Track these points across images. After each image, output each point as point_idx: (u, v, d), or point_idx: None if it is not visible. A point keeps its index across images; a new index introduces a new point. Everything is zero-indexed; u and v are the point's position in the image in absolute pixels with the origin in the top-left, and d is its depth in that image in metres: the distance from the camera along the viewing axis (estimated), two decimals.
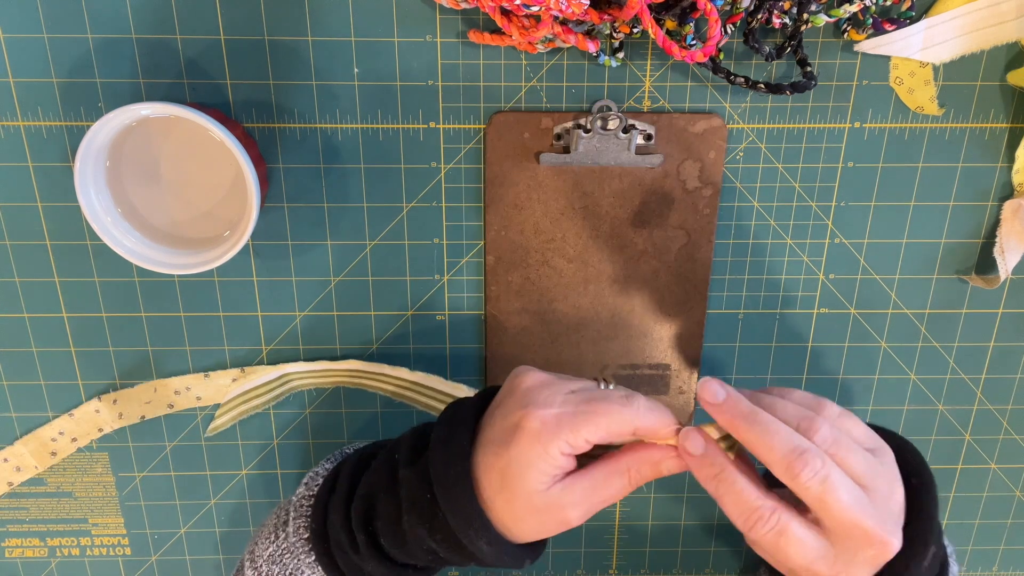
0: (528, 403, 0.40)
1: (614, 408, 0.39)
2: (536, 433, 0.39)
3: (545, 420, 0.39)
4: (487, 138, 0.50)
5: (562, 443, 0.39)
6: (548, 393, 0.41)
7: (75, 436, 0.56)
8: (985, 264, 0.55)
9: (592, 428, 0.39)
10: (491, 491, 0.40)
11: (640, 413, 0.39)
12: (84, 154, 0.44)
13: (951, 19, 0.48)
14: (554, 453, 0.39)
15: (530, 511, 0.40)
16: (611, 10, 0.44)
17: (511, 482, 0.39)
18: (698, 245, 0.53)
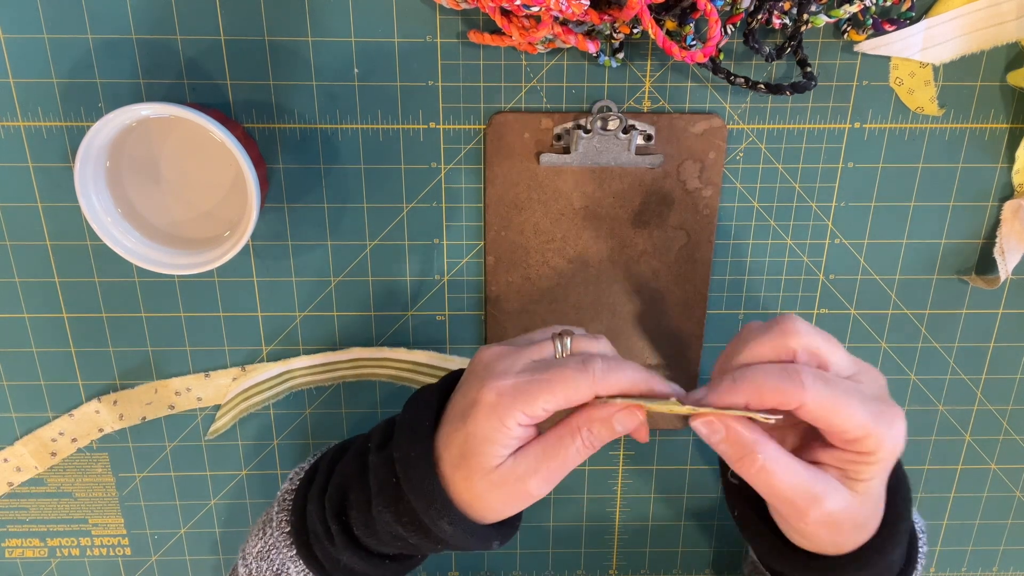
0: (486, 376, 0.39)
1: (570, 374, 0.38)
2: (492, 406, 0.38)
3: (501, 391, 0.38)
4: (487, 138, 0.50)
5: (518, 414, 0.38)
6: (505, 364, 0.40)
7: (75, 436, 0.56)
8: (985, 264, 0.55)
9: (548, 396, 0.38)
10: (451, 468, 0.39)
11: (597, 377, 0.38)
12: (84, 154, 0.44)
13: (951, 19, 0.48)
14: (511, 425, 0.38)
15: (489, 487, 0.39)
16: (611, 10, 0.44)
17: (469, 457, 0.38)
18: (698, 245, 0.53)
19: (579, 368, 0.38)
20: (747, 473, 0.38)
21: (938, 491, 0.61)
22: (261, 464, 0.59)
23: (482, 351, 0.42)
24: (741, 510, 0.45)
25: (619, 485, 0.61)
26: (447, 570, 0.63)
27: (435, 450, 0.40)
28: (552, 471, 0.39)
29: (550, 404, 0.38)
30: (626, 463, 0.60)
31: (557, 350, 0.41)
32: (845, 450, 0.38)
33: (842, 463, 0.38)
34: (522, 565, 0.63)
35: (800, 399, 0.36)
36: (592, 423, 0.39)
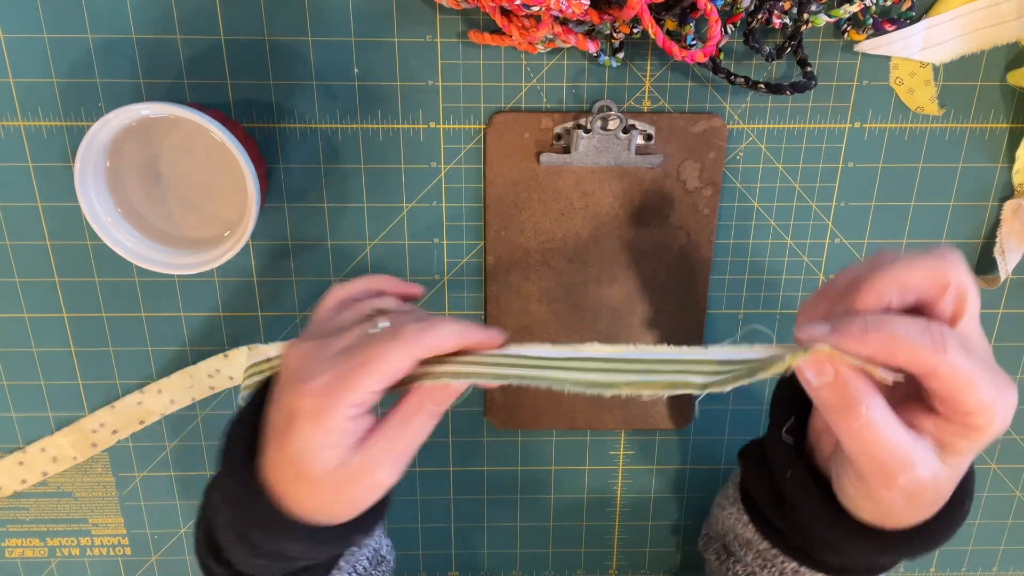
0: (295, 381, 0.36)
1: (384, 349, 0.35)
2: (314, 412, 0.35)
3: (317, 393, 0.35)
4: (487, 138, 0.50)
5: (344, 409, 0.35)
6: (312, 363, 0.36)
7: (116, 428, 0.56)
8: (985, 264, 0.55)
9: (368, 380, 0.35)
10: (288, 486, 0.37)
11: (413, 342, 0.36)
12: (84, 154, 0.44)
13: (951, 19, 0.48)
14: (340, 425, 0.35)
15: (337, 490, 0.36)
16: (611, 10, 0.44)
17: (306, 471, 0.36)
18: (698, 245, 0.53)
19: (391, 339, 0.36)
20: (845, 427, 0.33)
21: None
22: None
23: (288, 353, 0.38)
24: (796, 470, 0.40)
25: (619, 485, 0.61)
26: (447, 570, 0.63)
27: (262, 475, 0.37)
28: (401, 455, 0.37)
29: (374, 386, 0.35)
30: (626, 463, 0.60)
31: (368, 331, 0.37)
32: (951, 421, 0.34)
33: (944, 433, 0.34)
34: (522, 565, 0.63)
35: (935, 365, 0.32)
36: (434, 393, 0.37)
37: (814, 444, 0.41)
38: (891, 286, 0.34)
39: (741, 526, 0.47)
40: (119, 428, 0.57)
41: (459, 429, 0.58)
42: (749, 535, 0.47)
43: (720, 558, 0.51)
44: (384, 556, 0.50)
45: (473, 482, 0.60)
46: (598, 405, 0.57)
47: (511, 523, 0.62)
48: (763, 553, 0.45)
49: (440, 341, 0.37)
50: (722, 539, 0.51)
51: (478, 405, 0.58)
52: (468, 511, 0.61)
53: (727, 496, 0.50)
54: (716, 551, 0.52)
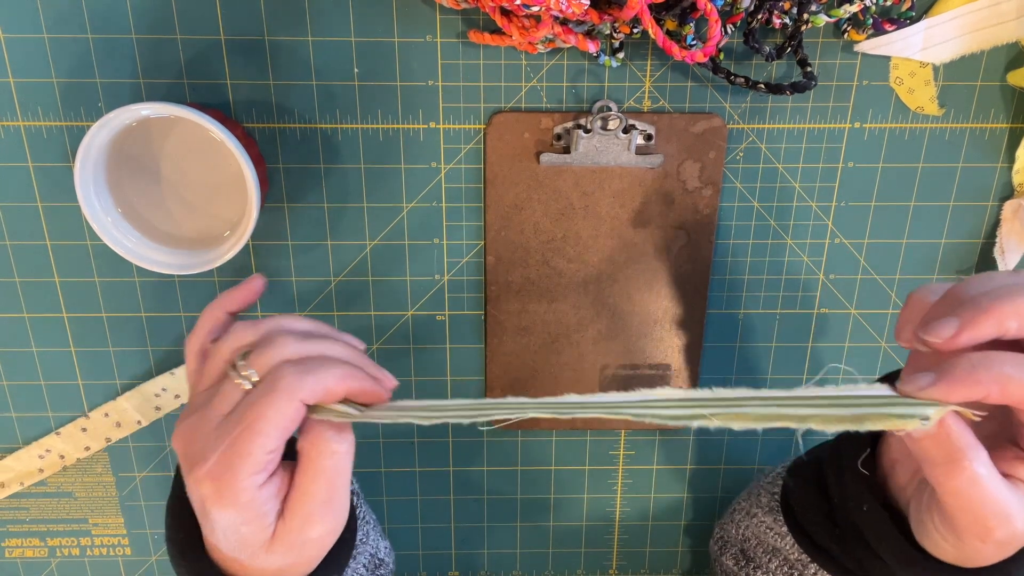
0: (191, 467, 0.34)
1: (262, 407, 0.33)
2: (217, 494, 0.33)
3: (212, 476, 0.33)
4: (487, 138, 0.50)
5: (247, 480, 0.33)
6: (199, 442, 0.34)
7: (178, 393, 0.56)
8: (985, 264, 0.55)
9: (260, 440, 0.33)
10: (237, 562, 0.36)
11: (295, 392, 0.33)
12: (84, 154, 0.44)
13: (951, 19, 0.48)
14: (249, 497, 0.33)
15: (281, 554, 0.35)
16: (611, 10, 0.44)
17: (242, 545, 0.35)
18: (698, 245, 0.53)
19: (269, 392, 0.33)
20: (946, 481, 0.32)
21: None
22: None
23: (175, 436, 0.36)
24: (873, 507, 0.38)
25: (619, 485, 0.61)
26: (447, 570, 0.63)
27: (210, 553, 0.37)
28: (327, 500, 0.35)
29: (269, 445, 0.33)
30: (626, 463, 0.60)
31: (241, 383, 0.35)
32: None
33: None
34: (522, 565, 0.63)
35: None
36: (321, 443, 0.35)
37: (887, 474, 0.39)
38: (1014, 316, 0.31)
39: (773, 535, 0.47)
40: (181, 393, 0.56)
41: (459, 429, 0.58)
42: (780, 544, 0.46)
43: (739, 563, 0.51)
44: (382, 559, 0.50)
45: (473, 482, 0.60)
46: None
47: (511, 523, 0.62)
48: (792, 563, 0.45)
49: (323, 385, 0.34)
50: (741, 544, 0.51)
51: None
52: (468, 511, 0.61)
53: (759, 504, 0.49)
54: (734, 556, 0.52)
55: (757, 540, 0.49)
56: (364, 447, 0.58)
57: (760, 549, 0.49)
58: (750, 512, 0.50)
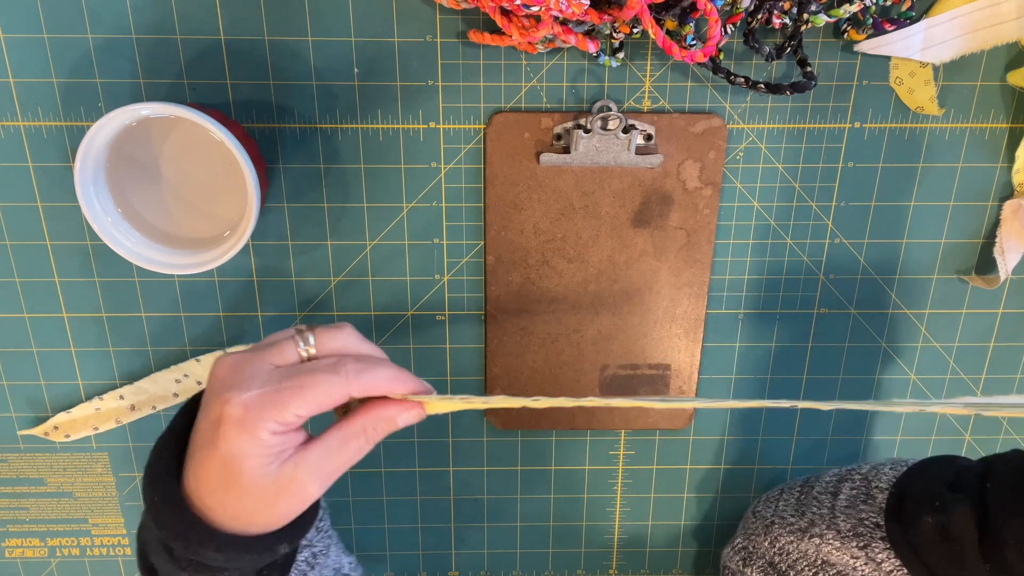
0: (226, 390, 0.36)
1: (321, 378, 0.36)
2: (240, 421, 0.35)
3: (247, 404, 0.35)
4: (487, 138, 0.50)
5: (270, 423, 0.35)
6: (246, 374, 0.37)
7: (200, 380, 0.56)
8: (985, 264, 0.55)
9: (300, 402, 0.36)
10: (214, 496, 0.37)
11: (351, 379, 0.37)
12: (84, 154, 0.44)
13: (951, 19, 0.48)
14: (264, 437, 0.35)
15: (265, 499, 0.37)
16: (611, 10, 0.44)
17: (232, 479, 0.36)
18: (698, 245, 0.53)
19: (330, 371, 0.37)
20: None
21: None
22: None
23: (217, 364, 0.38)
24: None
25: (619, 485, 0.61)
26: (447, 570, 0.63)
27: (186, 485, 0.37)
28: (333, 472, 0.38)
29: (303, 410, 0.36)
30: (626, 463, 0.60)
31: (300, 349, 0.38)
32: None
33: None
34: (522, 565, 0.63)
35: None
36: (378, 423, 0.39)
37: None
38: None
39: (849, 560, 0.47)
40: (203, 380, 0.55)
41: (459, 429, 0.58)
42: (836, 559, 0.47)
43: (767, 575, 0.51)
44: (347, 574, 0.50)
45: (473, 482, 0.60)
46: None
47: (511, 523, 0.62)
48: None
49: (375, 383, 0.37)
50: (772, 558, 0.51)
51: None
52: (468, 511, 0.61)
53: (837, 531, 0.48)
54: (762, 569, 0.52)
55: (807, 561, 0.49)
56: None
57: (803, 563, 0.49)
58: (818, 533, 0.50)
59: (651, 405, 0.37)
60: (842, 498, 0.50)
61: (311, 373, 0.36)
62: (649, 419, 0.58)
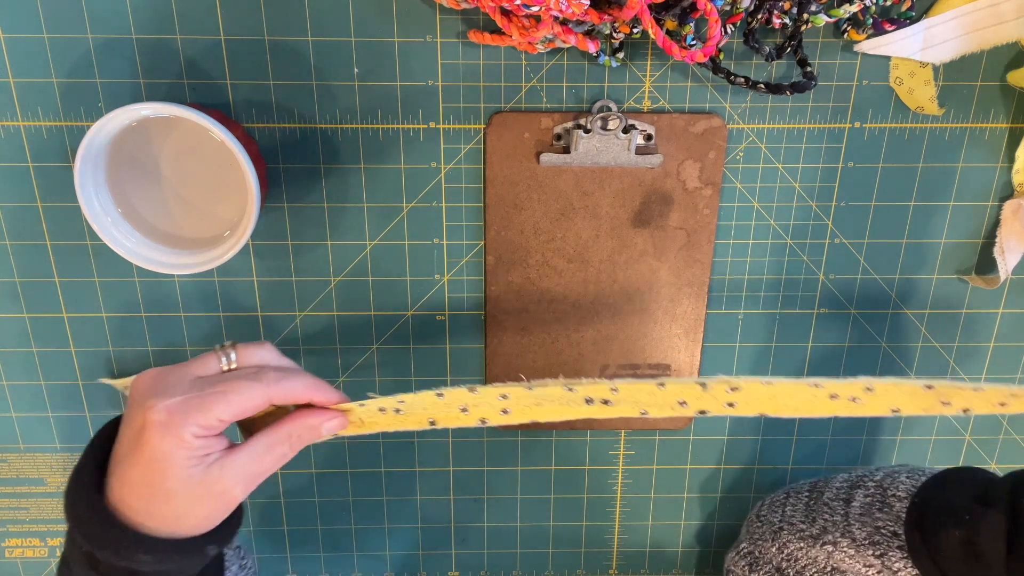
0: (148, 398, 0.38)
1: (243, 384, 0.38)
2: (164, 424, 0.37)
3: (171, 409, 0.37)
4: (487, 138, 0.50)
5: (193, 427, 0.37)
6: (169, 383, 0.39)
7: None
8: (985, 264, 0.55)
9: (223, 407, 0.38)
10: (140, 500, 0.38)
11: (271, 386, 0.39)
12: (84, 154, 0.44)
13: (951, 19, 0.48)
14: (188, 439, 0.37)
15: (191, 501, 0.38)
16: (611, 10, 0.44)
17: (158, 481, 0.37)
18: (698, 245, 0.53)
19: (252, 378, 0.39)
20: None
21: None
22: None
23: (138, 378, 0.40)
24: None
25: (619, 485, 0.61)
26: (447, 570, 0.63)
27: (111, 496, 0.38)
28: (258, 476, 0.40)
29: (225, 414, 0.38)
30: (626, 463, 0.60)
31: (222, 363, 0.40)
32: None
33: None
34: (522, 565, 0.63)
35: None
36: (303, 431, 0.41)
37: None
38: None
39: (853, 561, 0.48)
40: None
41: (459, 429, 0.59)
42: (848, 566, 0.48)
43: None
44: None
45: (473, 482, 0.60)
46: None
47: (511, 523, 0.62)
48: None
49: (295, 390, 0.40)
50: (778, 563, 0.51)
51: None
52: (468, 511, 0.61)
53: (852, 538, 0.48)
54: (769, 573, 0.52)
55: (816, 567, 0.49)
56: (364, 447, 0.58)
57: (812, 569, 0.49)
58: (819, 538, 0.50)
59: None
60: (856, 505, 0.50)
61: (234, 380, 0.39)
62: (649, 419, 0.58)
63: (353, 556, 0.62)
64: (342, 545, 0.62)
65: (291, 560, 0.62)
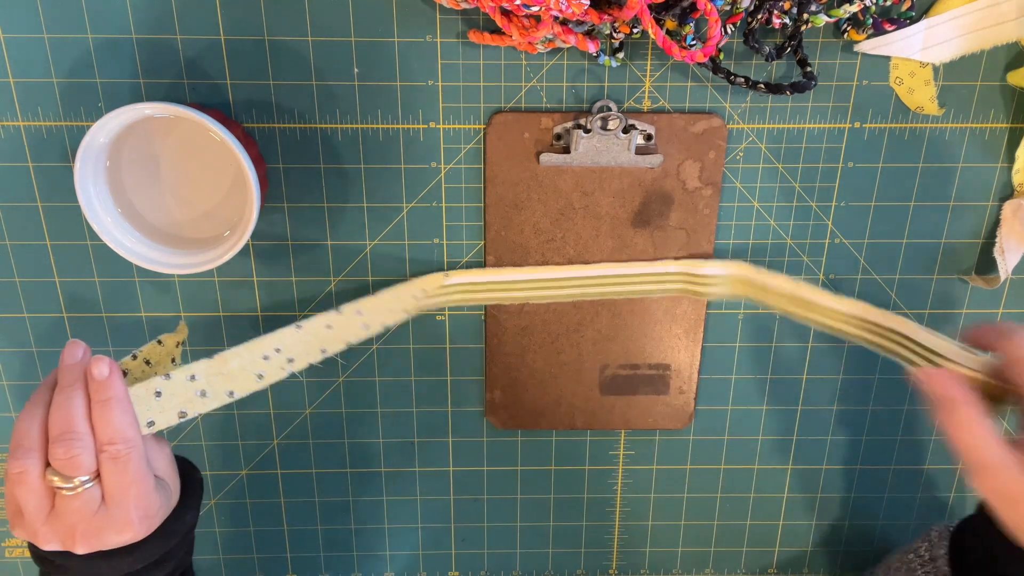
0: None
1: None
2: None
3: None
4: (487, 138, 0.50)
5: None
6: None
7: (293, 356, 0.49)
8: (985, 264, 0.55)
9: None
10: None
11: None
12: (84, 154, 0.44)
13: (951, 19, 0.48)
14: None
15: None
16: (611, 10, 0.44)
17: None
18: (698, 245, 0.53)
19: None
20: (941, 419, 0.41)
21: (938, 491, 0.61)
22: (261, 464, 0.59)
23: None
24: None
25: (619, 485, 0.61)
26: (447, 570, 0.63)
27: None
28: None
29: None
30: (626, 463, 0.60)
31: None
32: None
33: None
34: (522, 565, 0.63)
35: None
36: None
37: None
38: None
39: None
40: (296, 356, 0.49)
41: (459, 429, 0.59)
42: None
43: None
44: None
45: (473, 482, 0.60)
46: (598, 405, 0.57)
47: (511, 523, 0.62)
48: None
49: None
50: None
51: (478, 405, 0.58)
52: (468, 511, 0.61)
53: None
54: None
55: None
56: (364, 447, 0.58)
57: None
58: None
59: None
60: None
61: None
62: (649, 419, 0.58)
63: (353, 556, 0.62)
64: (342, 545, 0.62)
65: (291, 560, 0.62)
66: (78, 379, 0.41)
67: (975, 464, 0.39)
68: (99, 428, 0.40)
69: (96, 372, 0.40)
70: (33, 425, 0.40)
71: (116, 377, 0.41)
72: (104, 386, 0.40)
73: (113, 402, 0.40)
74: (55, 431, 0.39)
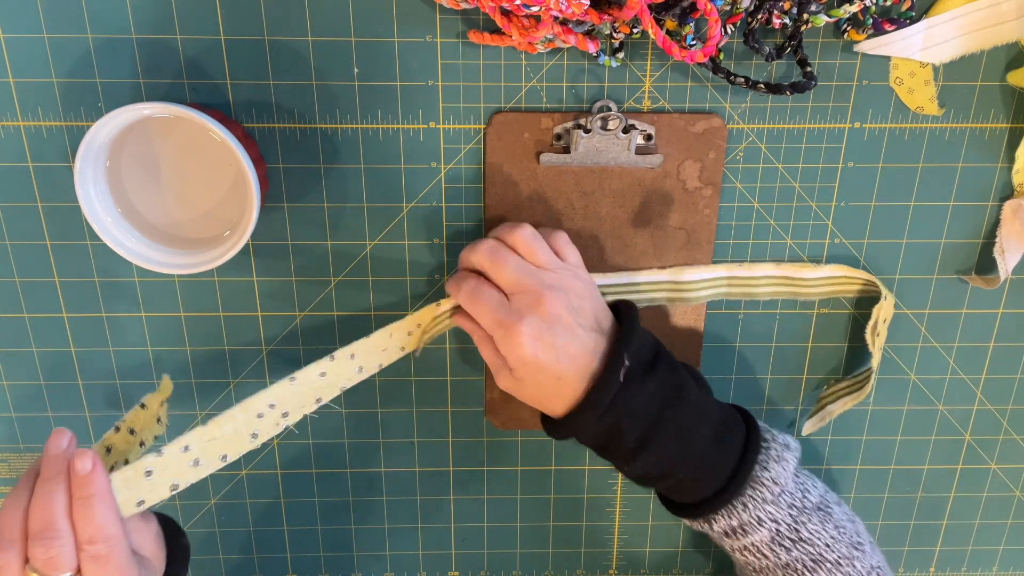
0: None
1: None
2: None
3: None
4: (487, 138, 0.50)
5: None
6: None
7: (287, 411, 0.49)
8: (985, 264, 0.55)
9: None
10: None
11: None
12: (84, 154, 0.44)
13: (951, 19, 0.48)
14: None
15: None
16: (611, 10, 0.44)
17: None
18: (698, 245, 0.53)
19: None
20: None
21: (938, 491, 0.61)
22: (261, 464, 0.59)
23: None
24: None
25: (619, 485, 0.61)
26: (447, 570, 0.63)
27: None
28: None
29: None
30: None
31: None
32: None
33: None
34: (522, 565, 0.63)
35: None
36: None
37: None
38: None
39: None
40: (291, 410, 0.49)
41: (459, 429, 0.58)
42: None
43: None
44: None
45: (473, 482, 0.60)
46: None
47: (511, 523, 0.62)
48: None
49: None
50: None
51: (478, 405, 0.58)
52: (468, 511, 0.61)
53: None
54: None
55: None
56: (364, 447, 0.58)
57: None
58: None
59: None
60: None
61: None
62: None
63: (353, 556, 0.62)
64: (342, 545, 0.62)
65: (291, 560, 0.62)
66: (61, 471, 0.40)
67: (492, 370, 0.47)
68: (80, 526, 0.39)
69: (79, 467, 0.40)
70: (16, 516, 0.39)
71: (99, 472, 0.40)
72: (86, 481, 0.40)
73: (95, 499, 0.40)
74: (35, 527, 0.39)
